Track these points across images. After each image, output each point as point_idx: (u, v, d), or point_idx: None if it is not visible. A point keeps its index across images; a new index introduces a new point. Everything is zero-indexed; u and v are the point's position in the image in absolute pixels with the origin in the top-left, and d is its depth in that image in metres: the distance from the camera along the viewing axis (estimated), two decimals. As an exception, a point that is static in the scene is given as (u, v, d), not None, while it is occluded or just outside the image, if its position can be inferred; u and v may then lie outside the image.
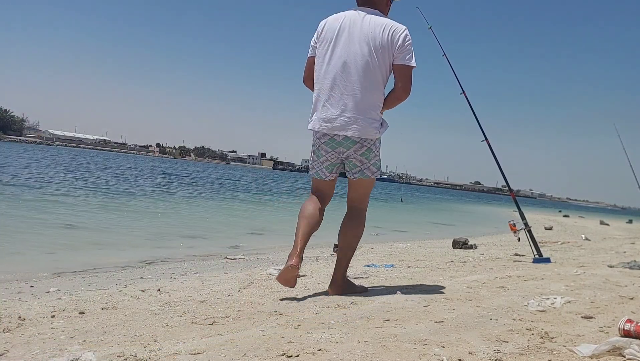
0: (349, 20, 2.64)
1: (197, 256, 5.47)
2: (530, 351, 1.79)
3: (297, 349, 1.73)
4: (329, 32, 2.65)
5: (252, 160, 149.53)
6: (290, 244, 2.72)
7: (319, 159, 2.74)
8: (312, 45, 2.74)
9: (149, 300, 2.70)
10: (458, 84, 5.16)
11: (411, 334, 1.95)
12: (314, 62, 2.71)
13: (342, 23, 2.64)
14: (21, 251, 5.00)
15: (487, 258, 5.07)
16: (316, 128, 2.66)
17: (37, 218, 7.34)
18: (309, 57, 2.75)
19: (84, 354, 1.69)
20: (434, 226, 13.35)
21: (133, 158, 71.29)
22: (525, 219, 4.87)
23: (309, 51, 2.76)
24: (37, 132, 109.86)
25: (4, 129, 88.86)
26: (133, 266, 4.65)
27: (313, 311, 2.38)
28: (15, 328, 2.09)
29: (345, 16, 2.67)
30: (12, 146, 57.71)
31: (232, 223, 9.81)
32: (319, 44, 2.68)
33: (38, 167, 21.49)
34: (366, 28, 2.60)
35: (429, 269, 4.09)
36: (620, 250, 6.26)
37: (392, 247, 6.16)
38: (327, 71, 2.63)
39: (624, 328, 1.87)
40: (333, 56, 2.62)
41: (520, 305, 2.56)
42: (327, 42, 2.65)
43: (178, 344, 1.83)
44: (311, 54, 2.74)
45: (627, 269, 4.03)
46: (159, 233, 7.22)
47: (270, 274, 3.55)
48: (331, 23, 2.68)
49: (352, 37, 2.60)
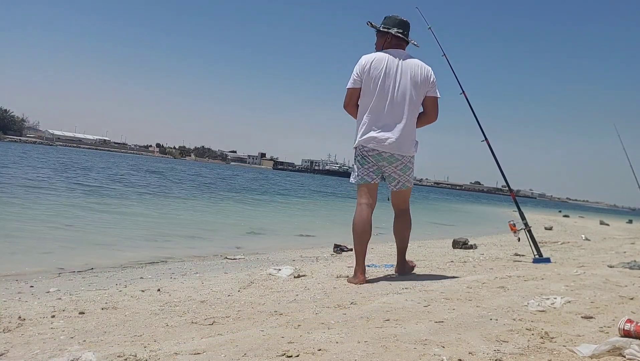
0: (392, 60, 3.27)
1: (197, 256, 5.47)
2: (530, 351, 1.79)
3: (297, 349, 1.73)
4: (377, 70, 3.23)
5: (252, 160, 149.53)
6: (291, 244, 2.73)
7: (365, 166, 3.30)
8: (356, 78, 3.28)
9: (149, 300, 2.70)
10: (458, 84, 5.17)
11: (411, 334, 1.95)
12: (356, 93, 3.29)
13: (387, 63, 3.25)
14: (21, 251, 5.00)
15: (487, 258, 5.07)
16: (368, 145, 3.25)
17: (37, 218, 7.34)
18: (352, 89, 3.30)
19: (84, 354, 1.69)
20: (434, 226, 13.34)
21: (133, 158, 71.30)
22: (525, 219, 4.87)
23: (351, 83, 3.29)
24: (37, 132, 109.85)
25: (4, 129, 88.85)
26: (133, 266, 4.65)
27: (313, 311, 2.38)
28: (15, 328, 2.09)
29: (387, 57, 3.28)
30: (11, 146, 57.70)
31: (232, 223, 9.80)
32: (367, 79, 3.24)
33: (38, 167, 21.49)
34: (408, 68, 3.27)
35: (429, 269, 4.09)
36: (620, 250, 6.26)
37: (392, 247, 6.15)
38: (378, 101, 3.22)
39: (624, 328, 1.87)
40: (384, 90, 3.22)
41: (520, 305, 2.56)
42: (376, 78, 3.23)
43: (178, 344, 1.83)
44: (354, 85, 3.29)
45: (627, 269, 4.03)
46: (159, 233, 7.22)
47: (270, 274, 3.55)
48: (377, 62, 3.26)
49: (398, 75, 3.24)
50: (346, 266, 4.20)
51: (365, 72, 3.25)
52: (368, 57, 3.28)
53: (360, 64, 3.27)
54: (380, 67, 3.23)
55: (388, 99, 3.22)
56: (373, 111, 3.23)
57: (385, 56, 3.27)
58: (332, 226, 11.08)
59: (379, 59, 3.26)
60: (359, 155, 3.31)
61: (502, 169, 5.16)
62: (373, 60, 3.26)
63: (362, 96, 3.28)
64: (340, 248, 5.93)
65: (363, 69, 3.25)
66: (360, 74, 3.26)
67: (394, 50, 3.32)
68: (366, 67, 3.24)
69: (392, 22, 3.39)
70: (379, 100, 3.22)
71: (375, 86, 3.23)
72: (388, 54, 3.29)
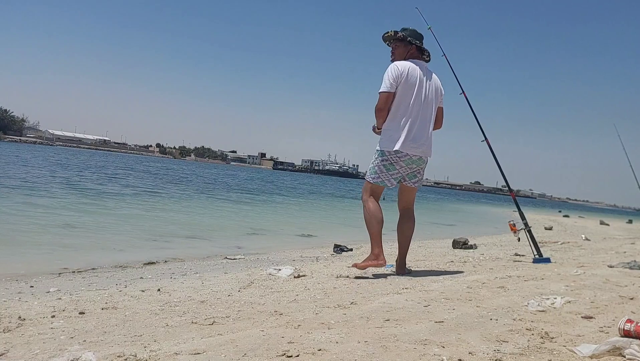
0: (421, 71, 3.51)
1: (197, 256, 5.47)
2: (530, 351, 1.79)
3: (297, 349, 1.73)
4: (413, 78, 3.44)
5: (252, 160, 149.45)
6: (291, 244, 2.73)
7: (390, 172, 3.49)
8: (392, 83, 3.41)
9: (149, 300, 2.70)
10: (458, 84, 5.16)
11: (411, 334, 1.95)
12: (391, 97, 3.43)
13: (419, 73, 3.48)
14: (21, 251, 4.99)
15: (487, 258, 5.07)
16: (405, 151, 3.43)
17: (37, 218, 7.34)
18: (389, 93, 3.43)
19: (84, 354, 1.69)
20: (434, 226, 13.34)
21: (133, 158, 71.29)
22: (525, 219, 4.87)
23: (387, 87, 3.42)
24: (37, 132, 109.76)
25: (4, 129, 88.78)
26: (133, 266, 4.65)
27: (313, 311, 2.38)
28: (15, 328, 2.09)
29: (418, 68, 3.49)
30: (11, 146, 57.67)
31: (232, 223, 9.80)
32: (403, 85, 3.42)
33: (36, 167, 21.50)
34: (432, 80, 3.57)
35: (429, 269, 4.09)
36: (620, 250, 6.26)
37: (392, 247, 6.16)
38: (413, 108, 3.43)
39: (624, 328, 1.87)
40: (417, 98, 3.44)
41: (520, 305, 2.56)
42: (412, 86, 3.43)
43: (178, 344, 1.83)
44: (390, 90, 3.42)
45: (627, 269, 4.03)
46: (159, 233, 7.22)
47: (270, 274, 3.55)
48: (412, 71, 3.46)
49: (428, 85, 3.51)
50: (346, 266, 4.20)
51: (402, 79, 3.42)
52: (404, 65, 3.45)
53: (397, 70, 3.42)
54: (415, 75, 3.45)
55: (422, 107, 3.47)
56: (409, 117, 3.43)
57: (417, 66, 3.50)
58: (332, 226, 11.08)
59: (413, 68, 3.47)
60: (386, 160, 3.47)
61: (502, 169, 5.16)
62: (409, 68, 3.45)
63: (396, 101, 3.44)
64: (340, 248, 5.93)
65: (400, 75, 3.41)
66: (397, 80, 3.41)
67: (419, 62, 3.55)
68: (403, 74, 3.41)
69: (413, 34, 3.59)
70: (414, 107, 3.44)
71: (411, 94, 3.43)
72: (417, 65, 3.50)
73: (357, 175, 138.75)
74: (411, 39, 3.55)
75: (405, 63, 3.47)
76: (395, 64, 3.45)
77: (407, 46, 3.56)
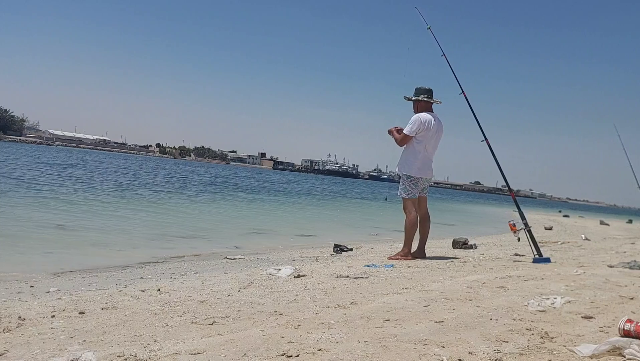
0: (435, 121, 4.83)
1: (197, 256, 5.47)
2: (530, 351, 1.79)
3: (297, 349, 1.73)
4: (431, 126, 4.80)
5: (252, 160, 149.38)
6: (291, 244, 2.73)
7: (417, 187, 4.89)
8: (416, 129, 4.76)
9: (149, 300, 2.70)
10: (457, 84, 5.18)
11: (411, 334, 1.95)
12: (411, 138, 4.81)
13: (433, 122, 4.81)
14: (21, 251, 4.99)
15: (487, 258, 5.07)
16: (424, 176, 4.91)
17: (37, 218, 7.34)
18: (410, 136, 4.80)
19: (84, 354, 1.69)
20: (434, 226, 13.31)
21: (134, 158, 71.29)
22: (525, 219, 4.87)
23: (412, 132, 4.77)
24: (37, 132, 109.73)
25: (4, 129, 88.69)
26: (133, 266, 4.65)
27: (313, 311, 2.38)
28: (15, 328, 2.09)
29: (432, 119, 4.82)
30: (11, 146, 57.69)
31: (231, 223, 9.81)
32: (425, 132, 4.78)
33: (36, 167, 21.49)
34: (440, 126, 4.93)
35: (429, 269, 4.09)
36: (620, 250, 6.26)
37: (392, 247, 6.15)
38: (427, 147, 4.85)
39: (624, 328, 1.87)
40: (430, 140, 4.85)
41: (520, 305, 2.56)
42: (428, 132, 4.80)
43: (178, 344, 1.84)
44: (411, 134, 4.79)
45: (627, 269, 4.03)
46: (159, 233, 7.22)
47: (270, 274, 3.55)
48: (429, 121, 4.79)
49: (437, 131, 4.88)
50: (346, 266, 4.20)
51: (423, 127, 4.77)
52: (426, 117, 4.78)
53: (422, 121, 4.75)
54: (432, 124, 4.81)
55: (432, 147, 4.89)
56: (425, 152, 4.84)
57: (431, 118, 4.82)
58: (332, 226, 11.08)
59: (429, 120, 4.80)
60: (413, 180, 4.85)
61: (502, 169, 5.17)
62: (428, 120, 4.79)
63: (418, 141, 4.81)
64: (340, 248, 5.92)
65: (424, 125, 4.76)
66: (419, 128, 4.77)
67: (432, 113, 4.88)
68: (426, 125, 4.77)
69: (419, 92, 4.89)
70: (429, 147, 4.86)
71: (430, 138, 4.84)
72: (432, 116, 4.83)
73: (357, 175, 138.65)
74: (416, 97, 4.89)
75: (426, 116, 4.79)
76: (419, 117, 4.77)
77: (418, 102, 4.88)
